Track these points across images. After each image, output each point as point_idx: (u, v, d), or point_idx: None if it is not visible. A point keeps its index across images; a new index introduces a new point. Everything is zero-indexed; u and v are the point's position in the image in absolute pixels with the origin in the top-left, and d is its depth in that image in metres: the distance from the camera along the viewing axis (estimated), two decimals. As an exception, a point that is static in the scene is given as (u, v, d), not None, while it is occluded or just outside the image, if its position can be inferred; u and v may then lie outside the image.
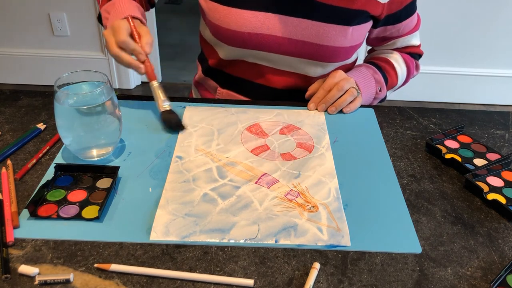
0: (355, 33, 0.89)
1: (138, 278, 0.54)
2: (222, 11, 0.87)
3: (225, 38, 0.90)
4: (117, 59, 0.78)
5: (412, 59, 1.03)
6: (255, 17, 0.86)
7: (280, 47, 0.89)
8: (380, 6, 0.88)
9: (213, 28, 0.91)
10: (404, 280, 0.55)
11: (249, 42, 0.89)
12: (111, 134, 0.70)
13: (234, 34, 0.88)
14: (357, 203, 0.66)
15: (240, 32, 0.87)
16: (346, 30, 0.88)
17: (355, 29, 0.89)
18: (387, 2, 0.88)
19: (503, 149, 0.81)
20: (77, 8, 2.21)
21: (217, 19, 0.88)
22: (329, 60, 0.91)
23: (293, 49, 0.89)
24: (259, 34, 0.87)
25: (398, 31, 0.96)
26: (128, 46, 0.77)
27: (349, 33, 0.88)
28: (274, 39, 0.88)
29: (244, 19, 0.86)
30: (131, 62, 0.77)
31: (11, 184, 0.65)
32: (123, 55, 0.77)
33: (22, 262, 0.54)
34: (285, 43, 0.88)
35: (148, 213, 0.62)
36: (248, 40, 0.88)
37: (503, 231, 0.64)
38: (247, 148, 0.75)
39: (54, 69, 2.36)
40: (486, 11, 2.20)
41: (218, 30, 0.90)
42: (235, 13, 0.86)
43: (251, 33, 0.87)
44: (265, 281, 0.54)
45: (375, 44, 1.03)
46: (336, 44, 0.88)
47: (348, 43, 0.90)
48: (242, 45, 0.90)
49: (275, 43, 0.89)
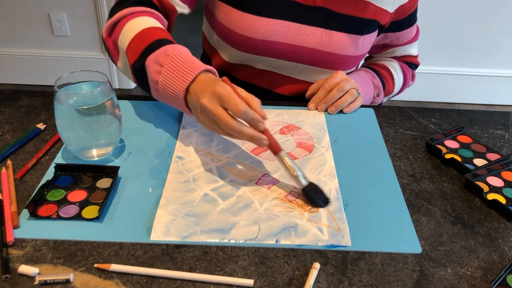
0: (365, 42, 0.90)
1: (138, 278, 0.54)
2: (236, 15, 0.86)
3: (236, 43, 0.89)
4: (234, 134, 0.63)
5: (409, 69, 1.04)
6: (270, 24, 0.86)
7: (292, 55, 0.89)
8: (388, 15, 0.89)
9: (225, 31, 0.89)
10: (404, 280, 0.55)
11: (260, 49, 0.88)
12: (111, 134, 0.70)
13: (246, 40, 0.87)
14: (357, 203, 0.66)
15: (253, 39, 0.86)
16: (358, 39, 0.88)
17: (366, 38, 0.89)
18: (394, 11, 0.88)
19: (503, 149, 0.81)
20: (77, 8, 2.21)
21: (230, 23, 0.87)
22: (339, 68, 0.91)
23: (304, 57, 0.89)
24: (272, 41, 0.87)
25: (398, 40, 0.97)
26: (248, 117, 0.62)
27: (360, 42, 0.89)
28: (287, 47, 0.88)
29: (258, 26, 0.85)
30: (254, 137, 0.63)
31: (11, 184, 0.65)
32: (245, 129, 0.62)
33: (22, 262, 0.54)
34: (297, 51, 0.88)
35: (148, 213, 0.62)
36: (261, 47, 0.87)
37: (503, 231, 0.64)
38: (247, 148, 0.75)
39: (54, 69, 2.36)
40: (486, 11, 2.20)
41: (230, 34, 0.88)
42: (249, 19, 0.85)
43: (264, 41, 0.87)
44: (265, 281, 0.54)
45: (374, 52, 1.04)
46: (348, 53, 0.89)
47: (358, 52, 0.90)
48: (252, 51, 0.89)
49: (287, 51, 0.88)
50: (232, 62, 0.94)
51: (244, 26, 0.86)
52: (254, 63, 0.92)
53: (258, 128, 0.63)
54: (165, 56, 0.68)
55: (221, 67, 0.98)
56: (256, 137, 0.63)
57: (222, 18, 0.88)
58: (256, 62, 0.92)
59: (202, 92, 0.64)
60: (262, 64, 0.92)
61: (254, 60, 0.91)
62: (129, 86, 2.45)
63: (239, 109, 0.61)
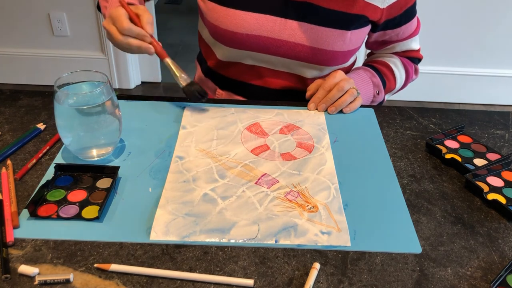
0: (354, 38, 0.89)
1: (138, 278, 0.54)
2: (221, 11, 0.87)
3: (223, 39, 0.90)
4: (125, 46, 0.77)
5: (411, 63, 1.03)
6: (254, 18, 0.86)
7: (277, 49, 0.89)
8: (379, 11, 0.88)
9: (211, 28, 0.91)
10: (404, 280, 0.55)
11: (246, 44, 0.89)
12: (111, 134, 0.70)
13: (232, 35, 0.88)
14: (357, 203, 0.66)
15: (238, 33, 0.87)
16: (344, 35, 0.88)
17: (354, 33, 0.89)
18: (386, 7, 0.88)
19: (503, 149, 0.81)
20: (77, 8, 2.21)
21: (215, 19, 0.88)
22: (326, 63, 0.91)
23: (290, 52, 0.89)
24: (257, 36, 0.87)
25: (397, 36, 0.96)
26: (132, 32, 0.76)
27: (348, 38, 0.88)
28: (272, 42, 0.88)
29: (243, 20, 0.86)
30: (141, 45, 0.76)
31: (11, 184, 0.65)
32: (131, 40, 0.76)
33: (22, 262, 0.54)
34: (283, 45, 0.88)
35: (148, 213, 0.62)
36: (246, 41, 0.88)
37: (503, 231, 0.64)
38: (247, 148, 0.75)
39: (54, 69, 2.36)
40: (486, 11, 2.20)
41: (216, 31, 0.90)
42: (233, 14, 0.86)
43: (249, 35, 0.87)
44: (265, 281, 0.54)
45: (374, 48, 1.03)
46: (335, 48, 0.88)
47: (346, 48, 0.90)
48: (239, 46, 0.90)
49: (273, 45, 0.89)
50: (223, 60, 0.96)
51: (228, 21, 0.87)
52: (243, 59, 0.93)
53: (145, 40, 0.77)
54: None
55: (215, 67, 0.99)
56: (143, 46, 0.77)
57: (209, 15, 0.90)
58: (245, 58, 0.93)
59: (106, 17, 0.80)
60: (251, 59, 0.93)
61: (242, 56, 0.92)
62: (129, 86, 2.45)
63: (123, 27, 0.75)
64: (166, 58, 0.80)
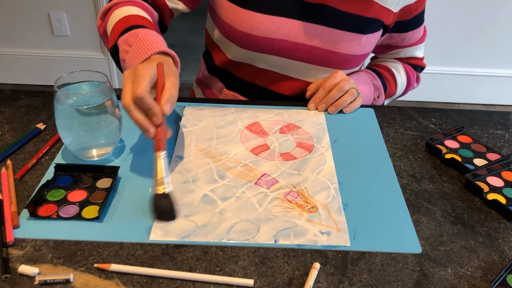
0: (368, 42, 0.89)
1: (138, 278, 0.54)
2: (238, 12, 0.86)
3: (237, 40, 0.89)
4: (127, 113, 0.63)
5: (413, 71, 1.03)
6: (271, 21, 0.85)
7: (293, 52, 0.88)
8: (392, 15, 0.88)
9: (226, 28, 0.89)
10: (404, 280, 0.55)
11: (262, 46, 0.88)
12: (111, 134, 0.70)
13: (247, 37, 0.87)
14: (357, 203, 0.66)
15: (255, 36, 0.86)
16: (360, 38, 0.87)
17: (369, 37, 0.89)
18: (398, 11, 0.88)
19: (503, 149, 0.81)
20: (77, 8, 2.21)
21: (231, 20, 0.87)
22: (340, 67, 0.91)
23: (306, 55, 0.89)
24: (274, 39, 0.87)
25: (403, 41, 0.96)
26: (143, 104, 0.61)
27: (363, 42, 0.88)
28: (288, 44, 0.87)
29: (260, 23, 0.85)
30: (140, 123, 0.62)
31: (11, 184, 0.65)
32: (133, 112, 0.62)
33: (22, 262, 0.54)
34: (299, 48, 0.88)
35: (148, 213, 0.62)
36: (262, 44, 0.87)
37: (503, 231, 0.64)
38: (247, 147, 0.75)
39: (54, 69, 2.36)
40: (486, 11, 2.20)
41: (231, 31, 0.88)
42: (250, 16, 0.85)
43: (265, 38, 0.86)
44: (265, 281, 0.54)
45: (378, 52, 1.03)
46: (350, 51, 0.88)
47: (361, 51, 0.90)
48: (254, 49, 0.89)
49: (288, 48, 0.88)
50: (234, 60, 0.94)
51: (245, 23, 0.86)
52: (255, 61, 0.92)
53: (153, 120, 0.62)
54: (134, 37, 0.72)
55: (223, 65, 0.97)
56: (143, 126, 0.62)
57: (224, 15, 0.88)
58: (257, 61, 0.92)
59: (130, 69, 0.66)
60: (263, 62, 0.92)
61: (255, 58, 0.91)
62: (129, 86, 2.45)
63: (136, 92, 0.60)
64: (160, 152, 0.63)
